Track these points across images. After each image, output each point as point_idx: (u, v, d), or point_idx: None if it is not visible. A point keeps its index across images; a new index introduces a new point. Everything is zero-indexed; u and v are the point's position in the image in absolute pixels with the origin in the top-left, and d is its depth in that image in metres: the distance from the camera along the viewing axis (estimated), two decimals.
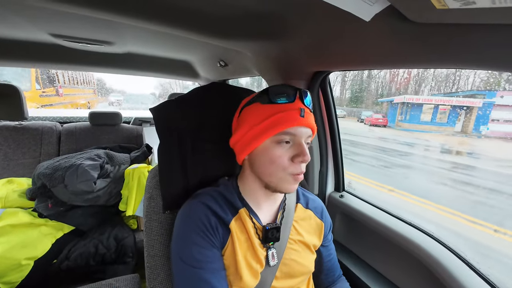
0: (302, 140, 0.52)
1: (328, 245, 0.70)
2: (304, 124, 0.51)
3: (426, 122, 7.91)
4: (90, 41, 1.19)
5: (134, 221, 1.53)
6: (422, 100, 8.78)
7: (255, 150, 0.54)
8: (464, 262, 0.64)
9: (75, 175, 1.23)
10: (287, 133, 0.51)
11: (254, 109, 0.54)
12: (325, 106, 1.00)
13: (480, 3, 0.31)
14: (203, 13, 0.67)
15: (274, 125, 0.50)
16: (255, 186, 0.58)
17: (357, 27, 0.53)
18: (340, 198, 1.01)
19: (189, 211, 0.55)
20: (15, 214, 1.16)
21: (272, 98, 0.52)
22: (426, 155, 6.81)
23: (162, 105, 0.69)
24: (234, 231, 0.54)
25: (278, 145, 0.52)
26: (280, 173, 0.52)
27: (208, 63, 1.56)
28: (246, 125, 0.54)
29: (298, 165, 0.51)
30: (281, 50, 0.84)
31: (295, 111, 0.51)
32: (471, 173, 5.22)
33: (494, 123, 6.42)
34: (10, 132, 1.52)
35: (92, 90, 9.82)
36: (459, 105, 7.41)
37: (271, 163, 0.52)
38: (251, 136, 0.53)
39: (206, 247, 0.51)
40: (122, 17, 0.70)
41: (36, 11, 0.84)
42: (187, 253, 0.50)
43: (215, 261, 0.52)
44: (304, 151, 0.51)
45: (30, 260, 1.07)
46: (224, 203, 0.57)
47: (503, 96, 6.83)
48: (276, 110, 0.51)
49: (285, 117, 0.50)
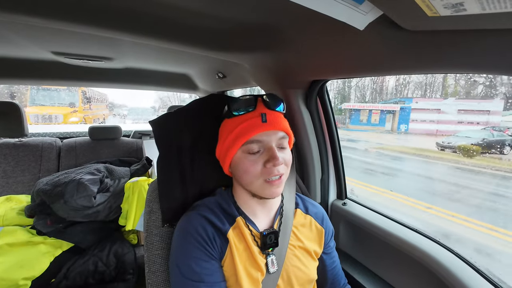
0: (272, 144, 0.52)
1: (331, 252, 0.68)
2: (268, 128, 0.52)
3: (364, 123, 10.36)
4: (91, 58, 1.21)
5: (134, 236, 1.50)
6: (358, 106, 11.69)
7: (232, 162, 0.56)
8: (474, 269, 0.62)
9: (75, 190, 1.22)
10: (252, 142, 0.52)
11: (224, 124, 0.58)
12: (323, 114, 1.01)
13: (471, 10, 0.32)
14: (201, 27, 0.69)
15: (238, 136, 0.52)
16: (245, 196, 0.58)
17: (352, 36, 0.55)
18: (343, 206, 1.00)
19: (186, 224, 0.54)
20: (13, 233, 1.13)
21: (233, 111, 0.54)
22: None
23: (162, 118, 0.69)
24: (232, 241, 0.54)
25: (248, 155, 0.53)
26: (255, 181, 0.53)
27: (206, 76, 1.59)
28: (221, 139, 0.58)
29: (270, 169, 0.51)
30: (278, 61, 0.85)
31: (256, 118, 0.52)
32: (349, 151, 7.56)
33: (414, 123, 8.64)
34: (10, 150, 1.52)
35: (105, 105, 11.22)
36: (386, 109, 10.03)
37: (245, 173, 0.53)
38: (225, 149, 0.55)
39: (205, 259, 0.51)
40: (121, 33, 0.71)
41: (38, 30, 0.87)
42: (185, 267, 0.50)
43: (214, 273, 0.51)
44: (273, 155, 0.50)
45: (28, 280, 1.04)
46: (221, 213, 0.57)
47: (417, 102, 9.41)
48: (239, 121, 0.53)
49: (246, 126, 0.52)
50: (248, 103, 0.54)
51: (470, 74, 0.54)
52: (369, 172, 5.77)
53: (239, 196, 0.60)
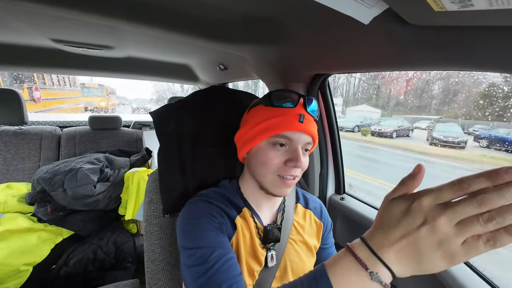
0: (298, 145, 0.52)
1: (329, 248, 0.68)
2: (302, 130, 0.51)
3: None
4: (91, 46, 1.20)
5: (134, 226, 1.52)
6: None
7: (252, 149, 0.55)
8: (471, 268, 0.63)
9: (75, 179, 1.23)
10: (282, 137, 0.51)
11: (258, 110, 0.56)
12: (324, 108, 1.01)
13: (478, 5, 0.31)
14: (203, 18, 0.68)
15: (271, 127, 0.51)
16: (253, 187, 0.58)
17: (356, 30, 0.54)
18: (341, 201, 1.01)
19: (194, 209, 0.53)
20: (14, 219, 1.15)
21: (273, 101, 0.53)
22: None
23: (162, 109, 0.69)
24: (240, 227, 0.54)
25: (272, 147, 0.52)
26: (270, 175, 0.52)
27: (208, 67, 1.57)
28: (249, 124, 0.55)
29: (290, 169, 0.51)
30: (280, 54, 0.84)
31: (294, 116, 0.51)
32: None
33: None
34: (10, 137, 1.52)
35: (115, 96, 16.17)
36: None
37: (263, 164, 0.52)
38: (251, 135, 0.54)
39: (217, 233, 0.49)
40: (122, 22, 0.70)
41: (37, 16, 0.85)
42: (196, 237, 0.48)
43: (227, 245, 0.50)
44: (298, 157, 0.50)
45: (29, 266, 1.06)
46: (228, 202, 0.57)
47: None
48: (276, 114, 0.52)
49: (283, 120, 0.51)
50: (290, 99, 0.53)
51: (474, 72, 0.53)
52: None
53: (246, 187, 0.60)
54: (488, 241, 0.25)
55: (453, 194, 0.27)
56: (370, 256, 0.31)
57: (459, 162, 4.47)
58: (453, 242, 0.26)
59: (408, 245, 0.29)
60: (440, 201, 0.28)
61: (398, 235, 0.29)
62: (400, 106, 7.94)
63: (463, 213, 0.26)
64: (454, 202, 0.27)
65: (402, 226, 0.29)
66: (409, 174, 0.32)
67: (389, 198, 0.32)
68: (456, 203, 0.27)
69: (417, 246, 0.28)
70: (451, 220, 0.26)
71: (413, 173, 0.31)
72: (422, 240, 0.28)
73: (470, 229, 0.26)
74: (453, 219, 0.26)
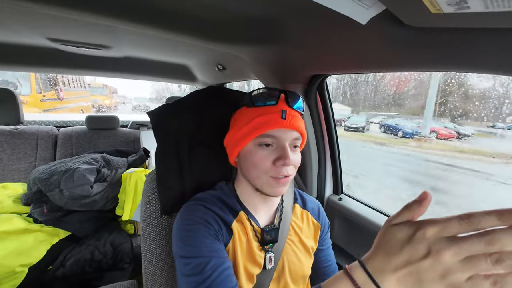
0: (285, 143, 0.51)
1: (326, 249, 0.68)
2: (286, 126, 0.50)
3: None
4: (88, 45, 1.19)
5: (131, 226, 1.51)
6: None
7: (241, 152, 0.55)
8: None
9: (72, 179, 1.22)
10: (268, 136, 0.50)
11: (242, 112, 0.55)
12: (322, 109, 1.01)
13: (474, 7, 0.32)
14: (201, 18, 0.68)
15: (255, 127, 0.51)
16: (248, 190, 0.58)
17: (354, 31, 0.54)
18: (339, 201, 1.01)
19: (190, 214, 0.53)
20: (10, 220, 1.14)
21: (254, 101, 0.53)
22: None
23: (160, 109, 0.68)
24: (236, 232, 0.54)
25: (260, 148, 0.51)
26: (262, 177, 0.52)
27: (205, 67, 1.57)
28: (234, 128, 0.55)
29: (280, 168, 0.50)
30: (278, 54, 0.84)
31: (276, 113, 0.51)
32: None
33: None
34: (5, 137, 1.50)
35: (117, 95, 16.99)
36: None
37: (253, 166, 0.52)
38: (237, 139, 0.54)
39: (212, 241, 0.49)
40: (120, 21, 0.70)
41: (33, 16, 0.84)
42: (192, 246, 0.48)
43: (223, 254, 0.50)
44: (286, 154, 0.50)
45: (25, 267, 1.05)
46: (224, 206, 0.56)
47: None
48: (258, 113, 0.51)
49: (265, 119, 0.50)
50: (271, 96, 0.53)
51: (470, 73, 0.54)
52: None
53: (241, 190, 0.59)
54: (496, 284, 0.24)
55: (460, 229, 0.26)
56: (367, 281, 0.30)
57: (359, 140, 6.59)
58: (458, 276, 0.25)
59: (410, 275, 0.28)
60: (446, 234, 0.26)
61: (400, 262, 0.28)
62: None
63: (470, 251, 0.25)
64: (461, 237, 0.26)
65: (404, 253, 0.28)
66: (415, 200, 0.30)
67: (391, 222, 0.31)
68: (463, 239, 0.26)
69: (419, 277, 0.27)
70: (456, 255, 0.25)
71: (419, 199, 0.30)
72: (425, 272, 0.27)
73: (476, 268, 0.25)
74: (459, 254, 0.25)
